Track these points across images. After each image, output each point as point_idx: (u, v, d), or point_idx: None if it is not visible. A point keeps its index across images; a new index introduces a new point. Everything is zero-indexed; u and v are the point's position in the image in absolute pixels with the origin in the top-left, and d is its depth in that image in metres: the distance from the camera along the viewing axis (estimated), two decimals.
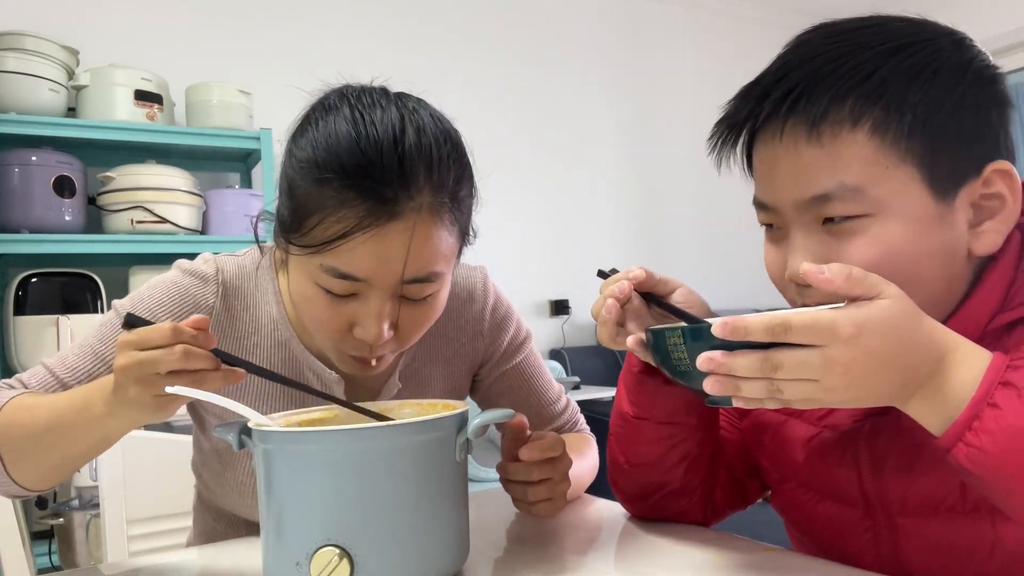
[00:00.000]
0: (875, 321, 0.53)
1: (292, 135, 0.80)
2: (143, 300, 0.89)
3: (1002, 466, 0.52)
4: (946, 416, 0.55)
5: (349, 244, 0.72)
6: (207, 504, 1.04)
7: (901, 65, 0.62)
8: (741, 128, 0.70)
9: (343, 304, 0.77)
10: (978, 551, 0.65)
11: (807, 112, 0.63)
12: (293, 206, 0.77)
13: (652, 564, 0.74)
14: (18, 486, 0.79)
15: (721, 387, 0.55)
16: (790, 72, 0.65)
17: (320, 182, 0.73)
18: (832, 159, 0.63)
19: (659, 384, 0.77)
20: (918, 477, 0.67)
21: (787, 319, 0.52)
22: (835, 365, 0.52)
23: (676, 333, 0.58)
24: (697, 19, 4.29)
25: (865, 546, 0.72)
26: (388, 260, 0.74)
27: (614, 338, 0.70)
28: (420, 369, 0.98)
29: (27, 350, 2.25)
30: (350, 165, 0.72)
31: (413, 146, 0.73)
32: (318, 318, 0.79)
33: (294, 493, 0.63)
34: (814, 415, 0.76)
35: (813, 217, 0.66)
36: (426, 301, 0.80)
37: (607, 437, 0.88)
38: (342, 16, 3.24)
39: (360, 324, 0.77)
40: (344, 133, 0.74)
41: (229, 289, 0.91)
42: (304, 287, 0.79)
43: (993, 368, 0.54)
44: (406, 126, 0.74)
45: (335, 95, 0.79)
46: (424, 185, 0.74)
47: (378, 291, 0.76)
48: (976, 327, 0.65)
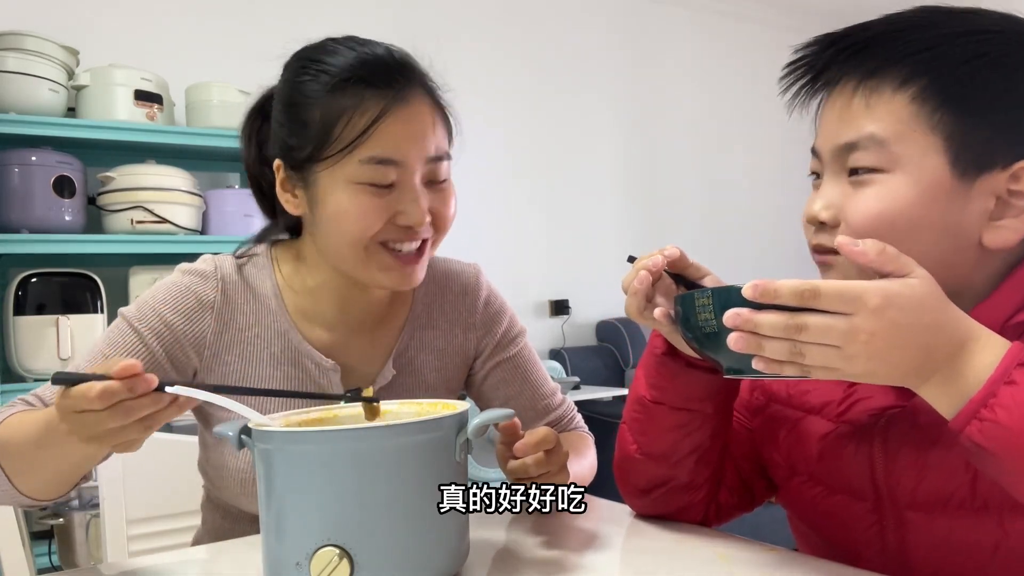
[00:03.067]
0: (903, 296, 0.54)
1: (289, 77, 0.91)
2: (148, 303, 0.92)
3: (1017, 441, 0.52)
4: (961, 398, 0.55)
5: (380, 130, 0.84)
6: (214, 502, 1.05)
7: (963, 47, 0.65)
8: (809, 68, 0.73)
9: (383, 195, 0.86)
10: (982, 549, 0.65)
11: (863, 65, 0.68)
12: (314, 125, 0.86)
13: (653, 564, 0.74)
14: (27, 497, 0.81)
15: (744, 343, 0.56)
16: (864, 30, 0.69)
17: (335, 90, 0.86)
18: (870, 111, 0.67)
19: (680, 367, 0.78)
20: (929, 472, 0.67)
21: (816, 285, 0.53)
22: (859, 333, 0.53)
23: (706, 294, 0.61)
24: (698, 19, 4.29)
25: (871, 540, 0.72)
26: (415, 137, 0.87)
27: (641, 311, 0.72)
28: (414, 358, 1.01)
29: (27, 350, 2.25)
30: (360, 68, 0.86)
31: (401, 53, 0.91)
32: (364, 216, 0.86)
33: (294, 493, 0.63)
34: (832, 412, 0.77)
35: (842, 166, 0.69)
36: (445, 185, 0.92)
37: (608, 436, 0.88)
38: (343, 17, 3.24)
39: (403, 209, 0.87)
40: (346, 52, 0.88)
41: (229, 284, 0.95)
42: (343, 196, 0.86)
43: (1012, 352, 0.55)
44: (390, 45, 0.91)
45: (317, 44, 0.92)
46: (418, 81, 0.90)
47: (411, 174, 0.87)
48: (996, 322, 0.65)
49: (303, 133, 0.87)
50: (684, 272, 0.74)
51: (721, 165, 4.25)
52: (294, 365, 0.95)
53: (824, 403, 0.78)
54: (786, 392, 0.83)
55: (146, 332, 0.90)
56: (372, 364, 0.99)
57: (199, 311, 0.93)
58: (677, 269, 0.73)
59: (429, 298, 1.04)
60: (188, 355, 0.92)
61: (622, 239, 3.93)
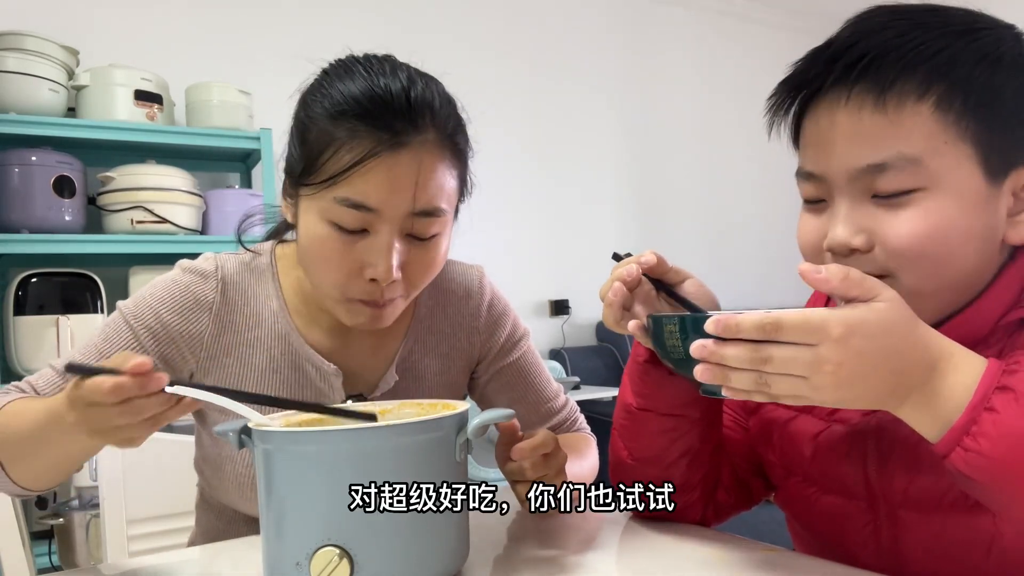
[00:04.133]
0: (867, 323, 0.53)
1: (305, 93, 0.86)
2: (145, 299, 0.91)
3: (1002, 471, 0.52)
4: (942, 422, 0.55)
5: (361, 172, 0.78)
6: (209, 502, 1.05)
7: (968, 47, 0.64)
8: (803, 89, 0.70)
9: (354, 242, 0.81)
10: (977, 547, 0.65)
11: (877, 79, 0.64)
12: (306, 149, 0.82)
13: (652, 564, 0.74)
14: (19, 487, 0.81)
15: (711, 375, 0.56)
16: (860, 40, 0.65)
17: (334, 118, 0.80)
18: (895, 128, 0.63)
19: (663, 375, 0.78)
20: (922, 471, 0.67)
21: (778, 318, 0.53)
22: (824, 364, 0.52)
23: (673, 321, 0.60)
24: (698, 19, 4.29)
25: (865, 539, 0.73)
26: (398, 188, 0.79)
27: (618, 321, 0.71)
28: (417, 363, 1.00)
29: (27, 350, 2.25)
30: (364, 101, 0.80)
31: (421, 94, 0.81)
32: (328, 259, 0.82)
33: (294, 493, 0.63)
34: (823, 411, 0.77)
35: (863, 188, 0.65)
36: (431, 242, 0.85)
37: (608, 436, 0.88)
38: (343, 16, 3.24)
39: (370, 261, 0.81)
40: (359, 80, 0.81)
41: (229, 284, 0.93)
42: (315, 229, 0.82)
43: (989, 373, 0.54)
44: (415, 80, 0.83)
45: (349, 59, 0.86)
46: (429, 125, 0.81)
47: (388, 224, 0.81)
48: (988, 321, 0.65)
49: (299, 151, 0.84)
50: (663, 277, 0.73)
51: (721, 165, 4.25)
52: (295, 369, 0.93)
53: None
54: None
55: (141, 330, 0.88)
56: (374, 369, 0.97)
57: (196, 311, 0.91)
58: (656, 274, 0.72)
59: (432, 302, 1.02)
60: (184, 355, 0.91)
61: (622, 239, 3.93)
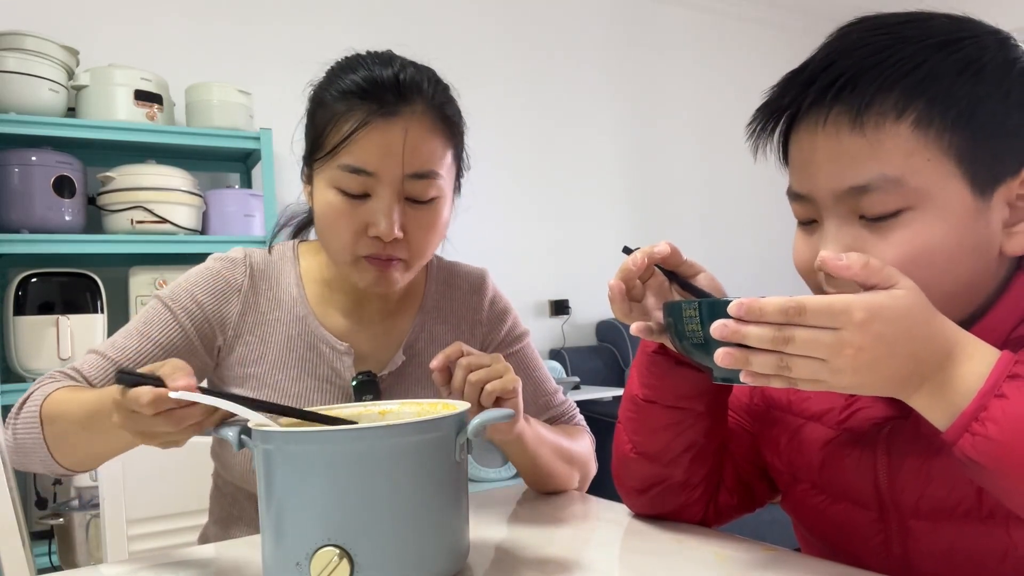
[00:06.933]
0: (889, 308, 0.54)
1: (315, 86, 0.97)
2: (181, 285, 1.01)
3: (1009, 456, 0.52)
4: (953, 409, 0.55)
5: (358, 139, 0.89)
6: (223, 491, 1.09)
7: (947, 60, 0.62)
8: (782, 114, 0.69)
9: (358, 206, 0.91)
10: (990, 558, 0.64)
11: (852, 101, 0.63)
12: (314, 129, 0.94)
13: (652, 564, 0.74)
14: (62, 467, 0.89)
15: (732, 360, 0.55)
16: (836, 61, 0.65)
17: (334, 98, 0.92)
18: (874, 149, 0.63)
19: (671, 365, 0.78)
20: (934, 480, 0.66)
21: (802, 302, 0.53)
22: (846, 347, 0.53)
23: (693, 306, 0.61)
24: (698, 19, 4.29)
25: (876, 548, 0.72)
26: (391, 152, 0.90)
27: (628, 314, 0.72)
28: (423, 348, 1.07)
29: (27, 350, 2.25)
30: (359, 80, 0.91)
31: (411, 75, 0.93)
32: (337, 221, 0.92)
33: (294, 493, 0.63)
34: (833, 419, 0.76)
35: (849, 209, 0.65)
36: (430, 206, 0.94)
37: (609, 436, 0.88)
38: (343, 16, 3.24)
39: (373, 220, 0.91)
40: (363, 68, 0.93)
41: (256, 271, 1.04)
42: (325, 196, 0.93)
43: (1001, 363, 0.55)
44: (407, 66, 0.94)
45: (353, 55, 0.97)
46: (418, 98, 0.92)
47: (387, 187, 0.90)
48: (1000, 334, 0.65)
49: (310, 132, 0.96)
50: (677, 269, 0.73)
51: (721, 165, 4.25)
52: (310, 348, 1.02)
53: (825, 410, 0.78)
54: (786, 399, 0.83)
55: (178, 310, 0.98)
56: (384, 351, 1.06)
57: (227, 293, 1.02)
58: (670, 266, 0.72)
59: (439, 294, 1.11)
60: (214, 332, 1.01)
61: (622, 239, 3.93)
